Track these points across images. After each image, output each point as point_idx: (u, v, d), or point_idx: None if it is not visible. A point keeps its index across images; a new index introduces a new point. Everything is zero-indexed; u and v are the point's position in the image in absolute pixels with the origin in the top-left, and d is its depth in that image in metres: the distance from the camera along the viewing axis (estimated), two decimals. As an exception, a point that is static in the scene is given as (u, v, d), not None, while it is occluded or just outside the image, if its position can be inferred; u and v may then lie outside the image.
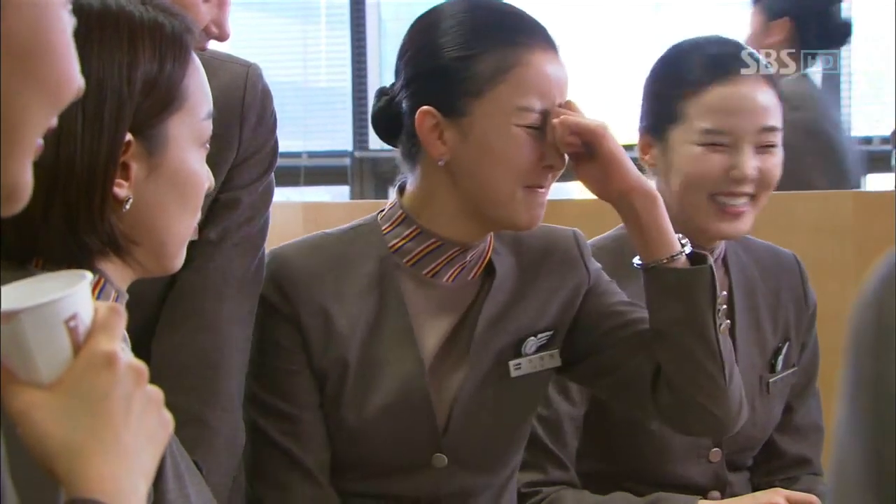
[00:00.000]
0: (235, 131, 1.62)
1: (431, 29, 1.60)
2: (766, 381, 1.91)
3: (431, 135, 1.57)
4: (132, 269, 1.17)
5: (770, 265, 1.98)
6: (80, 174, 1.08)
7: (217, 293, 1.62)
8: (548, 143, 1.56)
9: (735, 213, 1.82)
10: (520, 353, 1.66)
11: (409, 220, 1.62)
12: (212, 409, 1.60)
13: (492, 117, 1.55)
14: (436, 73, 1.58)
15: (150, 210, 1.14)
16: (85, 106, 1.07)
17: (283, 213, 3.68)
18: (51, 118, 0.75)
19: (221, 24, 1.55)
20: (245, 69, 1.65)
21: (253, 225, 1.66)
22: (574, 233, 1.75)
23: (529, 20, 1.61)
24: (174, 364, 1.58)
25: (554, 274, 1.70)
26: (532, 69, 1.56)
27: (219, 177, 1.59)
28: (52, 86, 0.73)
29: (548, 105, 1.56)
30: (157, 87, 1.13)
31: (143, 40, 1.12)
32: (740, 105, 1.80)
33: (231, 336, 1.62)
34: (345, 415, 1.60)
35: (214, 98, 1.24)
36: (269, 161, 1.69)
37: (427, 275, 1.62)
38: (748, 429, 1.86)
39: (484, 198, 1.57)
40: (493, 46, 1.55)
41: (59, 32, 0.73)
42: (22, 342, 0.85)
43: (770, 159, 1.82)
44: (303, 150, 5.73)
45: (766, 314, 1.93)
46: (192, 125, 1.18)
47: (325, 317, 1.60)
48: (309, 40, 6.10)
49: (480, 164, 1.56)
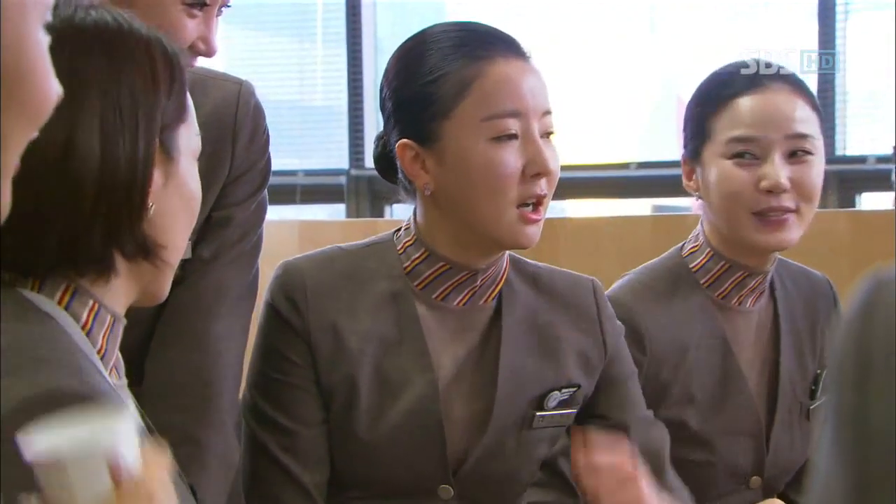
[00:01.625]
0: (228, 148, 1.62)
1: (399, 64, 1.60)
2: (807, 408, 1.87)
3: (413, 166, 1.57)
4: (132, 289, 1.17)
5: (807, 290, 1.94)
6: (123, 178, 1.09)
7: (210, 311, 1.61)
8: (529, 149, 1.53)
9: (777, 223, 1.76)
10: (542, 406, 1.64)
11: (419, 242, 1.61)
12: (205, 429, 1.59)
13: (462, 135, 1.52)
14: (407, 104, 1.57)
15: (164, 219, 1.15)
16: (122, 114, 1.09)
17: (278, 231, 3.69)
18: (30, 137, 0.75)
19: (208, 40, 1.55)
20: (237, 86, 1.65)
21: (246, 242, 1.65)
22: (593, 286, 1.73)
23: (492, 34, 1.59)
24: (167, 383, 1.58)
25: (573, 327, 1.68)
26: (491, 78, 1.53)
27: (211, 194, 1.58)
28: (34, 106, 0.73)
29: (520, 108, 1.53)
30: (173, 95, 1.15)
31: (156, 51, 1.15)
32: (766, 113, 1.76)
33: (224, 354, 1.61)
34: (356, 431, 1.58)
35: (207, 115, 1.24)
36: (262, 178, 1.68)
37: (437, 298, 1.61)
38: (787, 454, 1.85)
39: (474, 221, 1.55)
40: (455, 65, 1.54)
41: (39, 52, 0.73)
42: (66, 484, 0.86)
43: (804, 169, 1.76)
44: (299, 169, 5.73)
45: (807, 341, 1.90)
46: (191, 138, 1.20)
47: (335, 333, 1.58)
48: (305, 59, 6.11)
49: (462, 186, 1.54)
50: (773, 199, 1.75)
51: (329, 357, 1.57)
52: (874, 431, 0.66)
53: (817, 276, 1.98)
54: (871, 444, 0.65)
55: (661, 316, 1.80)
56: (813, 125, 1.78)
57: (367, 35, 5.84)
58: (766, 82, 1.78)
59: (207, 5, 1.53)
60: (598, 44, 5.56)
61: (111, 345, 1.15)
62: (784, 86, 1.78)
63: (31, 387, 0.98)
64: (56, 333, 1.07)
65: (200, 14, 1.53)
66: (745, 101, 1.77)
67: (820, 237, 3.05)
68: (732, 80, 1.80)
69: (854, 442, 0.66)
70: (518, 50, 1.58)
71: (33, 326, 1.06)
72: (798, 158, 1.76)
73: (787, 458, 1.85)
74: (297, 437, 1.57)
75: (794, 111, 1.77)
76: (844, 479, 0.66)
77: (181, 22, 1.50)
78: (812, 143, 1.77)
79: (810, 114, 1.78)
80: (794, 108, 1.77)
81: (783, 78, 1.79)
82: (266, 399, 1.59)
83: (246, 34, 6.16)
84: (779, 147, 1.75)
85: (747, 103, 1.77)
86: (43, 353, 1.03)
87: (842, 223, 3.11)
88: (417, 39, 1.61)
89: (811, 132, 1.77)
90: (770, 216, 1.76)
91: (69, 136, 1.06)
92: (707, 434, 1.80)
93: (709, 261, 1.83)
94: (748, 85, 1.78)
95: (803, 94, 1.79)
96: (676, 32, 5.45)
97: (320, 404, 1.58)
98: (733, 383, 1.82)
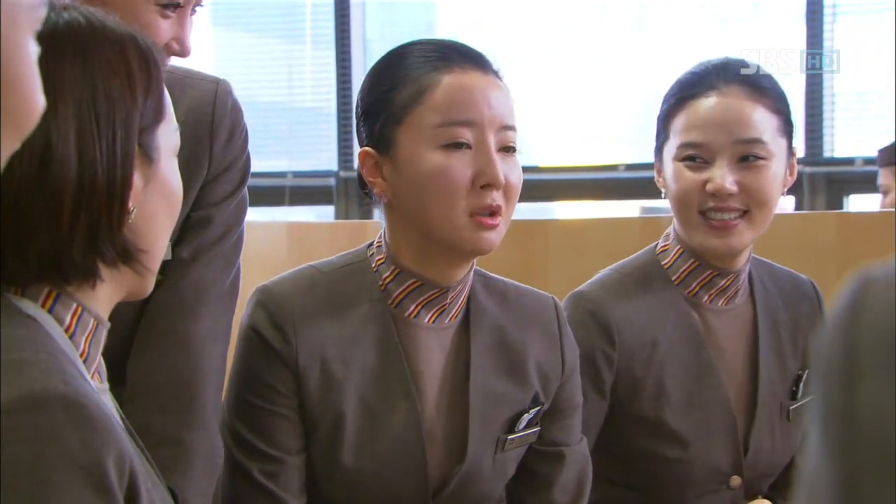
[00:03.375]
0: (206, 148, 1.61)
1: (368, 78, 1.62)
2: (787, 409, 1.88)
3: (373, 173, 1.57)
4: (116, 293, 1.16)
5: (790, 292, 1.95)
6: (102, 187, 1.08)
7: (191, 312, 1.60)
8: (481, 159, 1.52)
9: (723, 227, 1.78)
10: (513, 429, 1.66)
11: (389, 259, 1.61)
12: (188, 429, 1.58)
13: (414, 142, 1.52)
14: (368, 112, 1.59)
15: (146, 222, 1.15)
16: (98, 120, 1.08)
17: (267, 232, 3.68)
18: (14, 148, 0.74)
19: (182, 40, 1.54)
20: (214, 85, 1.64)
21: (226, 241, 1.64)
22: (554, 303, 1.74)
23: (461, 49, 1.59)
24: (150, 384, 1.57)
25: (537, 345, 1.70)
26: (447, 86, 1.53)
27: (190, 194, 1.57)
28: (21, 117, 0.72)
29: (473, 118, 1.52)
30: (151, 96, 1.14)
31: (131, 51, 1.13)
32: (717, 118, 1.77)
33: (206, 354, 1.61)
34: (342, 460, 1.58)
35: (184, 115, 1.24)
36: (242, 177, 1.67)
37: (409, 316, 1.61)
38: (769, 456, 1.85)
39: (429, 228, 1.54)
40: (411, 75, 1.55)
41: (28, 63, 0.72)
42: None
43: (755, 174, 1.77)
44: (288, 170, 5.73)
45: (787, 341, 1.91)
46: (170, 136, 1.19)
47: (321, 362, 1.57)
48: (294, 61, 6.11)
49: (415, 193, 1.54)
50: (719, 201, 1.77)
51: (316, 388, 1.57)
52: (861, 430, 0.65)
53: (801, 279, 1.99)
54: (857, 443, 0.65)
55: (629, 310, 1.82)
56: (768, 130, 1.78)
57: (355, 36, 5.84)
58: (721, 86, 1.78)
59: (181, 6, 1.52)
60: (586, 45, 5.57)
61: (94, 349, 1.14)
62: (742, 89, 1.78)
63: (15, 389, 0.98)
64: (39, 336, 1.07)
65: (174, 15, 1.52)
66: (700, 105, 1.79)
67: (807, 238, 3.06)
68: (694, 82, 1.81)
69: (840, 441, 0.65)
70: (482, 64, 1.57)
71: (16, 329, 1.06)
72: (749, 163, 1.77)
73: (768, 458, 1.85)
74: (282, 465, 1.57)
75: (748, 116, 1.77)
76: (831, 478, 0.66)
77: (155, 23, 1.49)
78: (765, 149, 1.77)
79: (769, 118, 1.78)
80: (748, 112, 1.77)
81: (742, 80, 1.79)
82: (248, 426, 1.58)
83: (234, 35, 6.15)
84: (728, 152, 1.76)
85: (702, 107, 1.78)
86: (26, 355, 1.02)
87: (829, 225, 3.11)
88: (389, 55, 1.62)
89: (765, 137, 1.77)
90: (715, 219, 1.78)
91: (45, 144, 1.05)
92: (683, 431, 1.80)
93: (678, 258, 1.85)
94: (706, 88, 1.79)
95: (764, 98, 1.79)
96: (664, 34, 5.46)
97: (301, 432, 1.58)
98: (707, 379, 1.82)
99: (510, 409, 1.66)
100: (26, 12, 0.71)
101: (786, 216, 3.04)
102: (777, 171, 1.79)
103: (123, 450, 1.02)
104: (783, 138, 1.80)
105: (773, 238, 3.10)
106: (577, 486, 1.72)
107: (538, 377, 1.68)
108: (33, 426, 0.97)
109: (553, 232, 3.28)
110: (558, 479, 1.71)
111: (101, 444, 0.99)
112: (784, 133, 1.80)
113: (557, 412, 1.72)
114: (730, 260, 1.83)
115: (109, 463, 1.00)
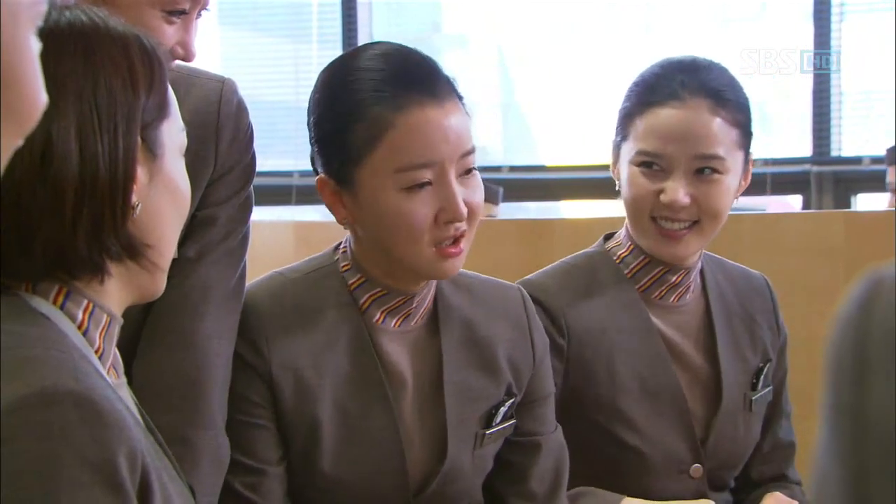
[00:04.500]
0: (211, 147, 1.61)
1: (321, 94, 1.60)
2: (750, 399, 1.91)
3: (333, 200, 1.57)
4: (126, 290, 1.16)
5: (744, 288, 1.98)
6: (104, 181, 1.09)
7: (196, 311, 1.61)
8: (442, 194, 1.51)
9: (672, 236, 1.80)
10: (490, 424, 1.67)
11: (354, 267, 1.62)
12: (195, 428, 1.58)
13: (374, 184, 1.51)
14: (323, 142, 1.58)
15: (152, 218, 1.15)
16: (99, 115, 1.08)
17: (274, 231, 3.69)
18: (16, 145, 0.74)
19: (187, 44, 1.54)
20: (220, 84, 1.64)
21: (232, 240, 1.65)
22: (521, 294, 1.75)
23: (411, 74, 1.54)
24: (156, 383, 1.57)
25: (507, 337, 1.70)
26: (403, 130, 1.49)
27: (196, 193, 1.58)
28: (23, 113, 0.72)
29: (433, 158, 1.50)
30: (153, 92, 1.14)
31: (134, 49, 1.14)
32: (674, 129, 1.78)
33: (212, 353, 1.61)
34: (321, 467, 1.58)
35: (189, 114, 1.24)
36: (247, 176, 1.68)
37: (376, 322, 1.62)
38: (730, 445, 1.88)
39: (393, 259, 1.56)
40: (368, 113, 1.51)
41: (30, 59, 0.72)
42: None
43: (710, 188, 1.78)
44: (294, 170, 5.74)
45: (743, 335, 1.94)
46: (176, 133, 1.19)
47: (294, 371, 1.58)
48: (300, 60, 6.11)
49: (377, 229, 1.54)
50: (671, 211, 1.79)
51: (291, 397, 1.57)
52: (871, 425, 0.66)
53: (754, 274, 2.01)
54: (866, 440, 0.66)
55: (576, 298, 1.83)
56: (726, 144, 1.79)
57: (362, 35, 5.84)
58: (685, 96, 1.78)
59: (186, 13, 1.52)
60: (593, 45, 5.57)
61: (108, 344, 1.14)
62: (704, 101, 1.78)
63: (26, 386, 0.98)
64: (52, 333, 1.07)
65: (179, 20, 1.52)
66: (662, 114, 1.79)
67: (815, 238, 3.05)
68: (657, 88, 1.81)
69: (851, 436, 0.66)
70: (435, 93, 1.52)
71: (28, 327, 1.06)
72: (705, 176, 1.78)
73: (730, 447, 1.88)
74: (263, 476, 1.58)
75: (708, 130, 1.77)
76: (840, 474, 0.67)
77: (160, 28, 1.49)
78: (722, 164, 1.78)
79: (728, 131, 1.79)
80: (709, 126, 1.78)
81: (705, 91, 1.79)
82: (229, 439, 1.59)
83: (241, 35, 6.16)
84: (684, 164, 1.78)
85: (662, 116, 1.78)
86: (37, 352, 1.02)
87: (837, 224, 3.11)
88: (340, 69, 1.59)
89: (723, 152, 1.78)
90: (665, 227, 1.80)
91: (46, 141, 1.05)
92: (637, 417, 1.83)
93: (629, 254, 1.87)
94: (668, 96, 1.79)
95: (724, 110, 1.79)
96: (672, 34, 5.46)
97: (280, 442, 1.59)
98: (659, 366, 1.84)
99: (486, 404, 1.66)
100: (27, 7, 0.71)
101: (793, 215, 3.04)
102: (731, 185, 1.81)
103: (135, 446, 1.02)
104: (740, 150, 1.82)
105: (781, 238, 3.10)
106: (554, 476, 1.73)
107: (510, 369, 1.69)
108: (44, 423, 0.97)
109: (560, 231, 3.28)
110: (534, 468, 1.72)
111: (112, 440, 1.00)
112: (741, 146, 1.82)
113: (530, 402, 1.72)
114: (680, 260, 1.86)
115: (120, 459, 1.00)
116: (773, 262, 3.04)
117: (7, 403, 0.97)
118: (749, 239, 3.08)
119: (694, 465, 1.86)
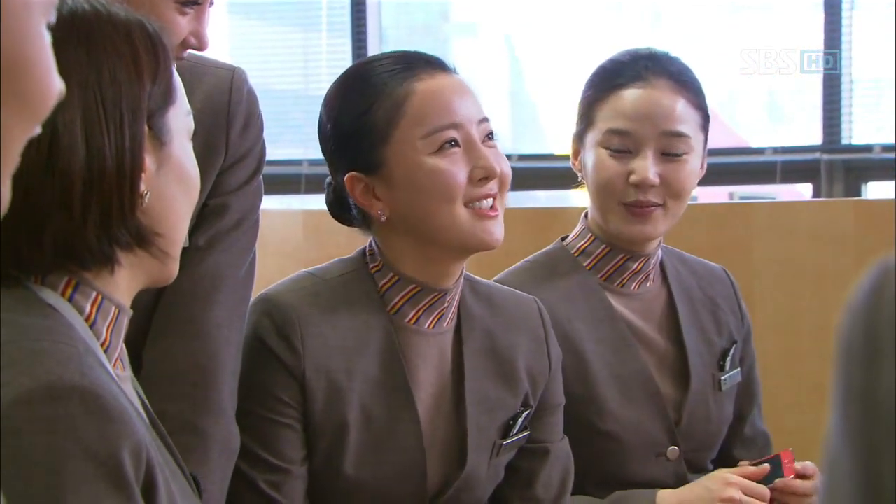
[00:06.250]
0: (222, 136, 1.62)
1: (335, 101, 1.65)
2: (718, 380, 1.95)
3: (365, 196, 1.61)
4: (136, 279, 1.16)
5: (704, 275, 2.03)
6: (112, 172, 1.09)
7: (207, 299, 1.61)
8: (473, 155, 1.58)
9: (642, 215, 1.84)
10: (508, 434, 1.70)
11: (386, 268, 1.63)
12: (205, 416, 1.59)
13: (404, 157, 1.57)
14: (347, 137, 1.61)
15: (161, 204, 1.15)
16: (105, 104, 1.09)
17: (283, 220, 3.69)
18: (32, 132, 0.74)
19: (200, 35, 1.55)
20: (230, 73, 1.65)
21: (242, 229, 1.66)
22: (538, 306, 1.78)
23: (417, 56, 1.64)
24: (166, 371, 1.58)
25: (525, 348, 1.73)
26: (420, 95, 1.58)
27: (207, 182, 1.58)
28: (36, 101, 0.72)
29: (455, 119, 1.58)
30: (159, 78, 1.14)
31: (137, 36, 1.14)
32: (644, 108, 1.82)
33: (222, 341, 1.61)
34: (344, 469, 1.60)
35: (200, 103, 1.24)
36: (258, 164, 1.69)
37: (409, 322, 1.63)
38: (703, 425, 1.92)
39: (432, 230, 1.58)
40: (381, 93, 1.58)
41: (42, 47, 0.72)
42: None
43: (676, 167, 1.83)
44: (304, 158, 5.74)
45: (707, 318, 1.97)
46: (182, 118, 1.20)
47: (326, 374, 1.59)
48: (310, 48, 6.11)
49: (414, 204, 1.58)
50: (641, 192, 1.82)
51: (321, 398, 1.59)
52: (882, 407, 0.67)
53: (713, 265, 2.06)
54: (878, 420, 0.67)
55: (540, 292, 1.85)
56: (691, 125, 1.85)
57: (371, 26, 5.84)
58: (650, 77, 1.84)
59: (199, 3, 1.53)
60: (602, 35, 5.56)
61: (115, 337, 1.15)
62: (668, 82, 1.84)
63: (31, 379, 0.98)
64: (59, 326, 1.07)
65: (192, 11, 1.53)
66: (628, 94, 1.84)
67: (825, 226, 3.05)
68: (620, 71, 1.86)
69: (862, 419, 0.68)
70: (443, 66, 1.62)
71: (36, 319, 1.06)
72: (671, 157, 1.83)
73: (704, 427, 1.92)
74: (286, 475, 1.59)
75: (673, 109, 1.83)
76: (851, 457, 0.68)
77: (173, 19, 1.50)
78: (687, 143, 1.83)
79: (691, 113, 1.85)
80: (673, 106, 1.83)
81: (668, 74, 1.85)
82: (253, 436, 1.60)
83: (251, 24, 6.16)
84: (653, 143, 1.82)
85: (629, 96, 1.83)
86: (45, 345, 1.03)
87: (847, 212, 3.10)
88: (349, 74, 1.66)
89: (688, 131, 1.84)
90: (636, 208, 1.83)
91: (52, 130, 1.05)
92: (612, 404, 1.85)
93: (590, 245, 1.91)
94: (633, 78, 1.84)
95: (687, 92, 1.85)
96: (681, 25, 5.44)
97: (304, 442, 1.60)
98: (625, 351, 1.87)
99: (504, 414, 1.69)
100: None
101: (803, 203, 3.04)
102: (694, 166, 1.86)
103: (140, 441, 1.02)
104: (702, 133, 1.87)
105: (791, 226, 3.09)
106: (560, 483, 1.75)
107: (528, 380, 1.72)
108: (49, 417, 0.98)
109: (569, 219, 3.28)
110: (541, 474, 1.74)
111: (117, 435, 1.00)
112: (702, 128, 1.87)
113: (541, 411, 1.75)
114: (641, 244, 1.89)
115: (125, 454, 1.00)
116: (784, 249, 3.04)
117: (14, 396, 0.97)
118: (759, 227, 3.08)
119: (670, 447, 1.89)
